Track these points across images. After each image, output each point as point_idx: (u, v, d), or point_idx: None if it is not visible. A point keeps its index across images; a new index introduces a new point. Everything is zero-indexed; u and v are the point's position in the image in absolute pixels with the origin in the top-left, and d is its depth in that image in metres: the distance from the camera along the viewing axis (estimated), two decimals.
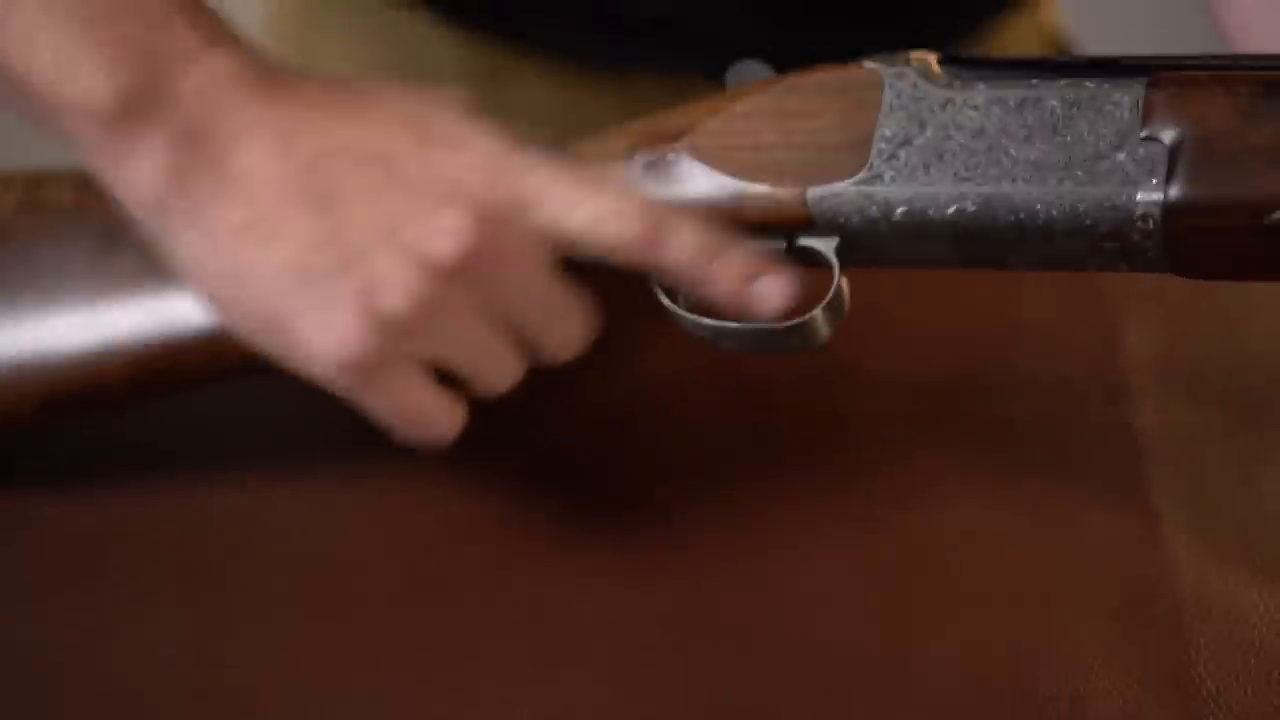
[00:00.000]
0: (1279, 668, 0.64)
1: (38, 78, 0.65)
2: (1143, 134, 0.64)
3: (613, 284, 0.69)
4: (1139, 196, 0.64)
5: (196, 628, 0.70)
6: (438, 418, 0.67)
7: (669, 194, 0.69)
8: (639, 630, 0.69)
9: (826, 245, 0.68)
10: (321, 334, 0.64)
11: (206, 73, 0.65)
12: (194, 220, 0.65)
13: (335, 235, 0.64)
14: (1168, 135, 0.64)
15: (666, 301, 0.69)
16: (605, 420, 0.78)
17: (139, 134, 0.65)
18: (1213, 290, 0.69)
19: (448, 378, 0.68)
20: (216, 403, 0.77)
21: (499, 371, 0.68)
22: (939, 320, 0.82)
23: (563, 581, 0.71)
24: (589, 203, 0.66)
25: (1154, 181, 0.64)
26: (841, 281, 0.68)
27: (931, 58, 0.68)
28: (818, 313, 0.68)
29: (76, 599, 0.72)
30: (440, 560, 0.72)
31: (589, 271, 0.69)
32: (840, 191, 0.67)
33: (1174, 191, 0.63)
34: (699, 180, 0.69)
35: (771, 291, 0.66)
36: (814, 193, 0.68)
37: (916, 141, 0.67)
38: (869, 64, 0.69)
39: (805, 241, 0.68)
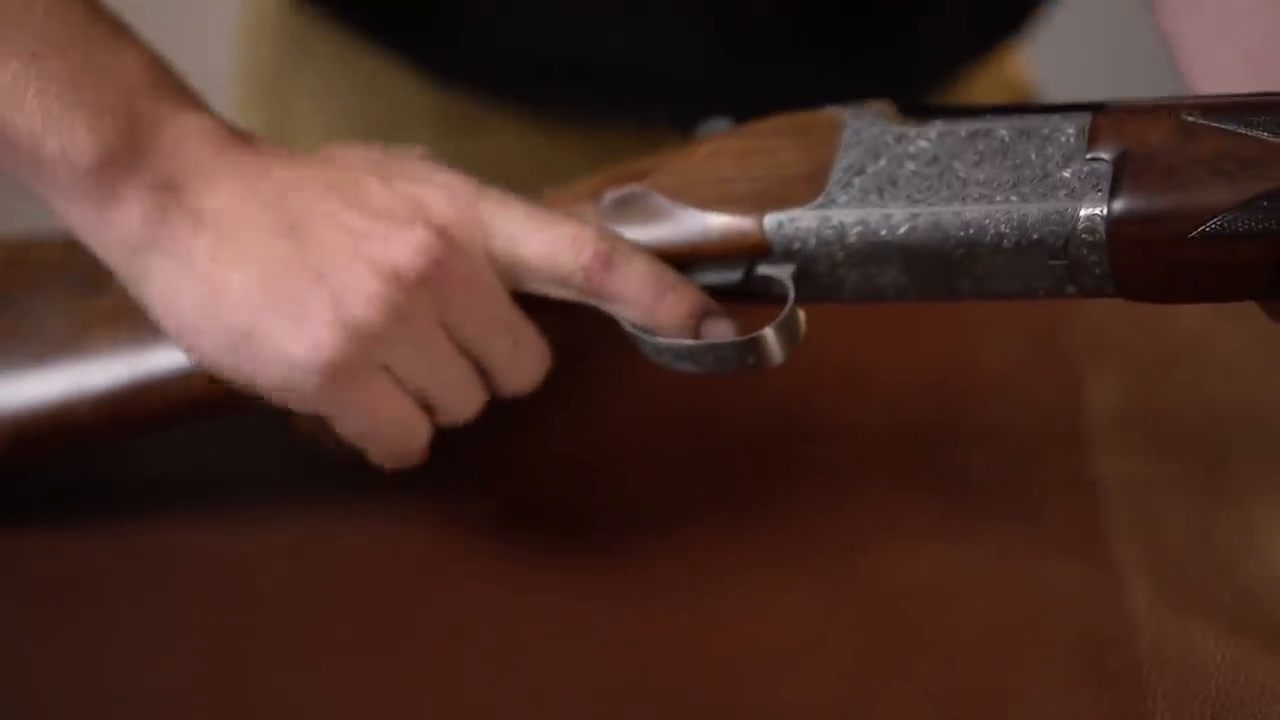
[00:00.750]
0: (1237, 718, 0.65)
1: (22, 132, 0.68)
2: (1088, 155, 0.66)
3: (583, 323, 0.71)
4: (1084, 210, 0.65)
5: (160, 669, 0.71)
6: (409, 429, 0.70)
7: (634, 229, 0.71)
8: (603, 678, 0.69)
9: (783, 273, 0.70)
10: (294, 343, 0.68)
11: (180, 130, 0.70)
12: (171, 253, 0.69)
13: (304, 253, 0.68)
14: (1112, 155, 0.66)
15: (628, 326, 0.71)
16: (572, 468, 0.79)
17: (121, 182, 0.69)
18: (1173, 341, 0.69)
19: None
20: (183, 447, 0.78)
21: (462, 396, 0.71)
22: (903, 370, 0.83)
23: (527, 629, 0.71)
24: (542, 233, 0.70)
25: (1098, 194, 0.65)
26: (797, 307, 0.69)
27: (890, 106, 0.70)
28: (770, 330, 0.69)
29: (43, 639, 0.72)
30: (406, 605, 0.73)
31: (556, 310, 0.71)
32: (796, 217, 0.69)
33: (1118, 203, 0.65)
34: (663, 213, 0.71)
35: (714, 331, 0.70)
36: (771, 219, 0.69)
37: (870, 169, 0.69)
38: (831, 109, 0.71)
39: (763, 270, 0.70)
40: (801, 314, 0.69)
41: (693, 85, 0.95)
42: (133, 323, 0.74)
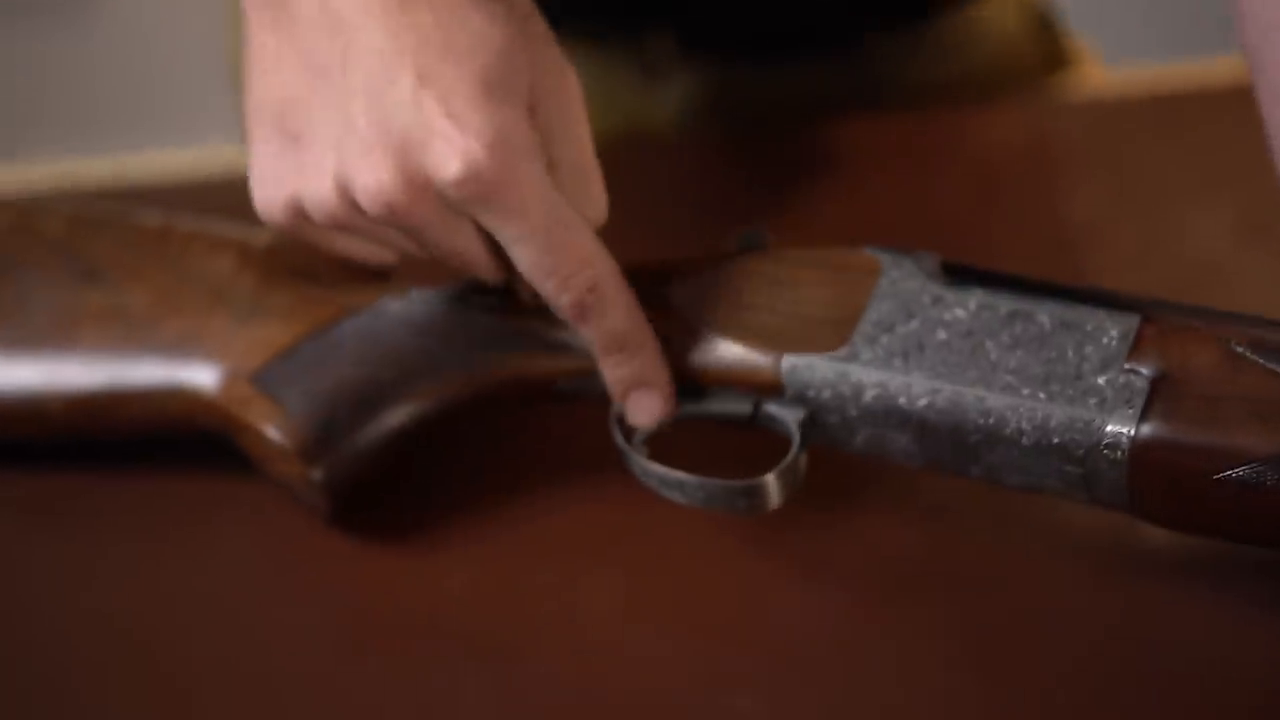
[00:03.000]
0: None
1: None
2: (1126, 365, 0.63)
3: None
4: (1111, 425, 0.63)
5: (154, 584, 0.70)
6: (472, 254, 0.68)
7: None
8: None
9: (792, 416, 0.67)
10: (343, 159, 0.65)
11: None
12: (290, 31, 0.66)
13: (381, 101, 0.65)
14: (1152, 371, 0.63)
15: (620, 441, 0.69)
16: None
17: None
18: (1184, 268, 0.69)
19: None
20: (148, 483, 0.75)
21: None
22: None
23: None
24: (543, 255, 0.66)
25: (1130, 411, 0.63)
26: (801, 453, 0.67)
27: (935, 258, 0.68)
28: (771, 477, 0.67)
29: (39, 548, 0.72)
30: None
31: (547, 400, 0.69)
32: (815, 365, 0.67)
33: (1147, 426, 0.63)
34: (680, 326, 0.69)
35: (647, 407, 0.69)
36: (789, 361, 0.67)
37: (900, 330, 0.66)
38: (871, 251, 0.68)
39: (771, 409, 0.68)
40: (804, 459, 0.67)
41: (699, 3, 0.91)
42: (125, 326, 0.72)
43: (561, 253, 0.66)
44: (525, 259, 0.66)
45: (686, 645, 0.67)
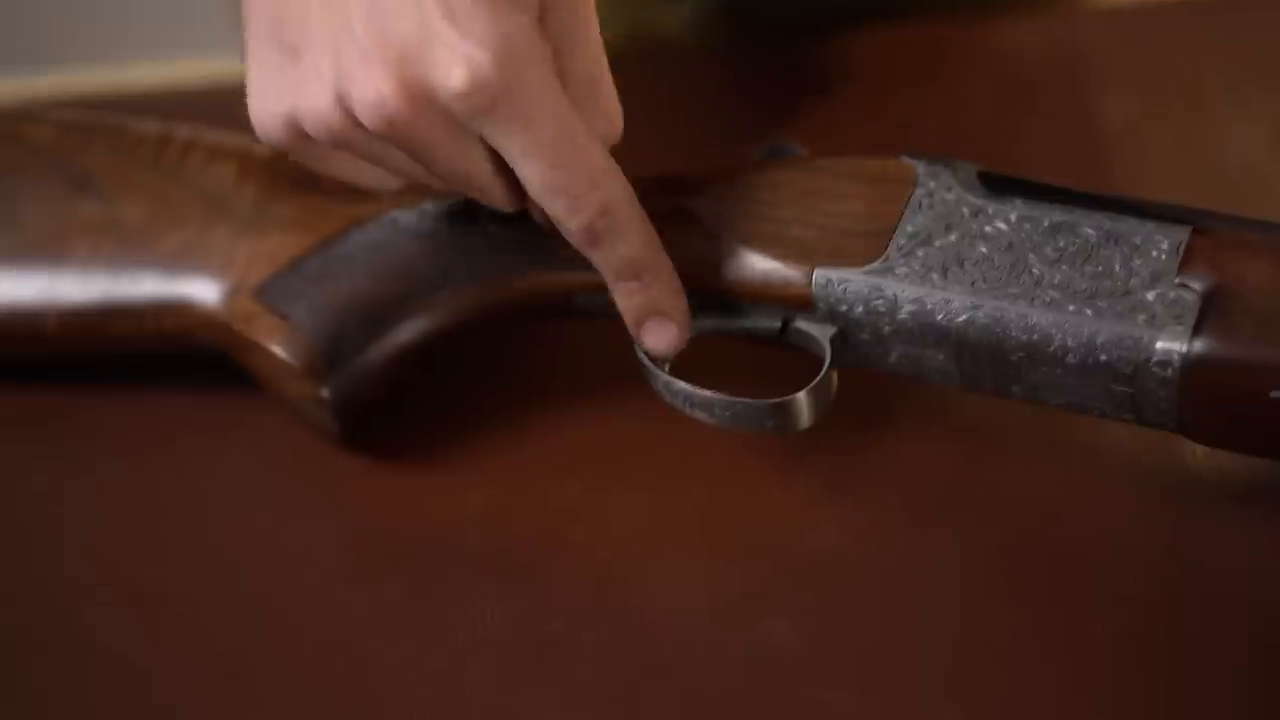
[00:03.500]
0: None
1: None
2: (1177, 280, 0.61)
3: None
4: (1161, 342, 0.60)
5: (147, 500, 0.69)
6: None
7: (674, 248, 0.65)
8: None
9: (823, 333, 0.65)
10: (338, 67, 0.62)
11: None
12: None
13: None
14: (1204, 286, 0.61)
15: (645, 360, 0.66)
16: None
17: None
18: (1223, 175, 0.68)
19: None
20: (146, 402, 0.73)
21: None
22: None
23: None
24: (554, 170, 0.62)
25: (1180, 328, 0.60)
26: (832, 372, 0.65)
27: (973, 167, 0.65)
28: (802, 395, 0.64)
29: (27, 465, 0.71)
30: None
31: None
32: (849, 279, 0.64)
33: (1199, 343, 0.60)
34: (703, 239, 0.66)
35: (663, 337, 0.66)
36: (821, 274, 0.64)
37: (938, 242, 0.64)
38: (907, 158, 0.65)
39: (802, 324, 0.65)
40: (835, 377, 0.65)
41: None
42: (120, 238, 0.70)
43: (572, 170, 0.63)
44: (534, 177, 0.62)
45: (713, 569, 0.65)
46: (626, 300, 0.65)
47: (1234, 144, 0.66)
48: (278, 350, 0.67)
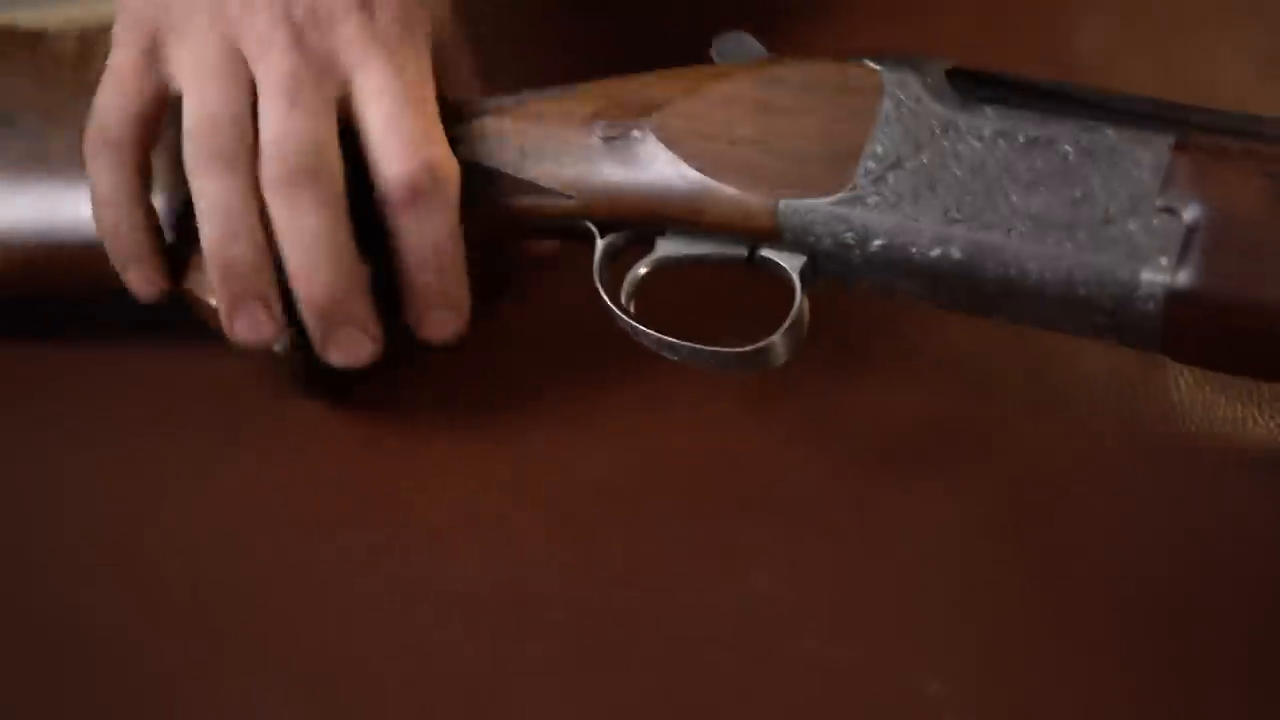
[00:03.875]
0: None
1: None
2: (1159, 202, 0.59)
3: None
4: (1144, 275, 0.58)
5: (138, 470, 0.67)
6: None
7: (626, 174, 0.64)
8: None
9: (791, 263, 0.63)
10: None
11: None
12: None
13: None
14: (1187, 211, 0.58)
15: (615, 309, 0.64)
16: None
17: None
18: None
19: None
20: (103, 352, 0.71)
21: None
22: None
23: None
24: (401, 115, 0.64)
25: (1164, 261, 0.58)
26: (803, 304, 0.63)
27: (941, 66, 0.63)
28: (777, 338, 0.63)
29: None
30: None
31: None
32: (815, 208, 0.62)
33: (1184, 276, 0.58)
34: (661, 166, 0.64)
35: (443, 325, 0.66)
36: (786, 205, 0.62)
37: (909, 165, 0.61)
38: (871, 63, 0.63)
39: (768, 253, 0.63)
40: (807, 307, 0.62)
41: None
42: (48, 172, 0.67)
43: (419, 119, 0.64)
44: (380, 113, 0.64)
45: (690, 518, 0.64)
46: (419, 278, 0.65)
47: (1217, 67, 0.65)
48: None
